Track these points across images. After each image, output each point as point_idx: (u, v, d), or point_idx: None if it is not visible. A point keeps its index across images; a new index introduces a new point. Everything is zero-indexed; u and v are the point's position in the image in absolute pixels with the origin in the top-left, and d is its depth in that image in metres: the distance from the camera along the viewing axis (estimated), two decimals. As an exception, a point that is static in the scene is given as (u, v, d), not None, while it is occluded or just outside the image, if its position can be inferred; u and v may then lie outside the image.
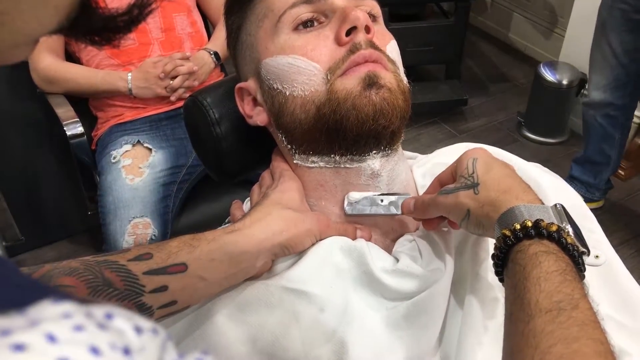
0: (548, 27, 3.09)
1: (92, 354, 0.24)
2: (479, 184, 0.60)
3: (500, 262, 0.56)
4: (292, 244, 0.66)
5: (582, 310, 0.47)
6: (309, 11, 0.69)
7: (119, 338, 0.26)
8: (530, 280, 0.49)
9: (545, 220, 0.53)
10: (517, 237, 0.53)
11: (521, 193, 0.58)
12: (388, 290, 0.65)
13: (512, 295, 0.51)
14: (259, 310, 0.63)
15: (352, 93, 0.66)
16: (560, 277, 0.49)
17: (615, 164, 2.16)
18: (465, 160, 0.63)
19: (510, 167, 0.63)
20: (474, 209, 0.60)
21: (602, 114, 2.05)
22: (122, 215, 1.48)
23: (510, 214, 0.55)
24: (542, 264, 0.50)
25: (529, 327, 0.46)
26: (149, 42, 1.64)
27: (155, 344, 0.27)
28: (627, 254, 2.12)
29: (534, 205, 0.56)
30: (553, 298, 0.47)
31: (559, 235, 0.53)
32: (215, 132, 0.81)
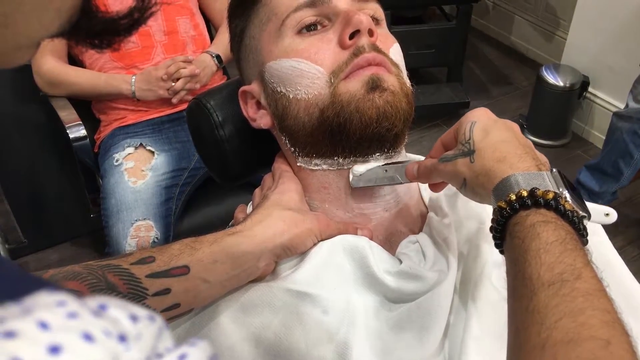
0: (550, 30, 3.10)
1: (86, 340, 0.23)
2: (475, 152, 0.58)
3: (499, 234, 0.54)
4: (294, 244, 0.66)
5: (585, 279, 0.45)
6: (312, 15, 0.69)
7: (114, 326, 0.25)
8: (530, 253, 0.48)
9: (541, 188, 0.52)
10: (513, 208, 0.52)
11: (516, 160, 0.55)
12: (391, 291, 0.65)
13: (513, 270, 0.50)
14: (263, 311, 0.63)
15: (355, 96, 0.66)
16: (561, 247, 0.47)
17: (625, 180, 2.12)
18: (464, 124, 0.61)
19: (512, 128, 0.61)
20: (469, 178, 0.58)
21: (630, 131, 2.01)
22: (125, 217, 1.48)
23: (504, 184, 0.54)
24: (540, 235, 0.49)
25: (532, 303, 0.45)
26: (152, 45, 1.64)
27: (151, 332, 0.27)
28: (630, 257, 2.12)
29: (529, 172, 0.54)
30: (555, 270, 0.46)
31: (557, 203, 0.51)
32: (218, 134, 0.81)
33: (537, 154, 0.59)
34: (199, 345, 0.29)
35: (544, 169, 0.55)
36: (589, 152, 2.61)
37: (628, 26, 2.35)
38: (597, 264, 0.76)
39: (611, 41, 2.45)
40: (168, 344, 0.28)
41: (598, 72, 2.55)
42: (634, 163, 2.07)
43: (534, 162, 0.56)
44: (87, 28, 0.36)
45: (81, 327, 0.24)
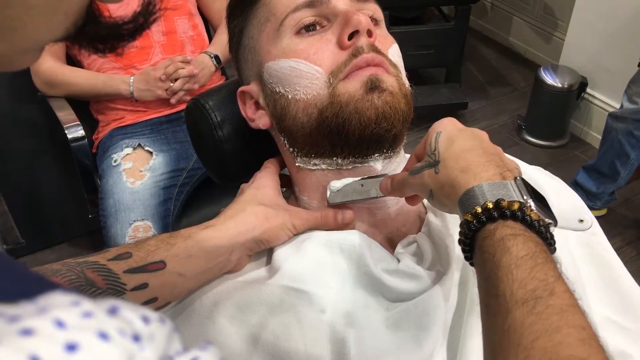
0: (548, 31, 3.10)
1: (101, 339, 0.24)
2: (440, 162, 0.58)
3: (468, 247, 0.54)
4: (266, 237, 0.68)
5: (558, 295, 0.45)
6: (311, 15, 0.69)
7: (128, 326, 0.26)
8: (502, 269, 0.47)
9: (506, 198, 0.51)
10: (480, 221, 0.51)
11: (480, 170, 0.55)
12: (389, 290, 0.65)
13: (486, 286, 0.49)
14: (260, 310, 0.63)
15: (354, 96, 0.66)
16: (532, 262, 0.47)
17: (622, 180, 2.13)
18: (431, 134, 0.61)
19: (478, 136, 0.60)
20: (435, 189, 0.58)
21: (625, 131, 2.02)
22: (123, 218, 1.48)
23: (469, 195, 0.53)
24: (510, 250, 0.48)
25: (508, 322, 0.45)
26: (151, 45, 1.64)
27: (163, 333, 0.27)
28: (629, 257, 2.12)
29: (493, 182, 0.53)
30: (528, 287, 0.45)
31: (523, 213, 0.50)
32: (217, 135, 0.81)
33: (506, 161, 0.58)
34: (209, 350, 0.29)
35: (509, 176, 0.55)
36: (587, 153, 2.62)
37: (626, 27, 2.35)
38: (597, 265, 0.76)
39: (609, 42, 2.45)
40: (178, 347, 0.28)
41: (596, 73, 2.56)
42: (630, 163, 2.07)
43: (497, 169, 0.55)
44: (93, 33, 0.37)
45: (97, 326, 0.24)
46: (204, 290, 0.68)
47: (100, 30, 0.37)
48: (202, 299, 0.67)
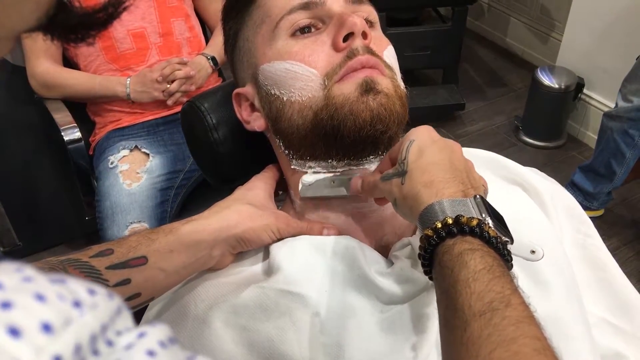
0: (545, 32, 3.10)
1: (37, 300, 0.25)
2: (407, 173, 0.59)
3: (427, 262, 0.55)
4: (248, 236, 0.68)
5: (514, 306, 0.46)
6: (306, 17, 0.69)
7: (70, 293, 0.26)
8: (460, 282, 0.48)
9: (465, 214, 0.52)
10: (440, 236, 0.52)
11: (442, 187, 0.56)
12: (383, 293, 0.65)
13: (445, 300, 0.50)
14: (255, 313, 0.63)
15: (349, 98, 0.66)
16: (489, 275, 0.48)
17: (619, 180, 2.13)
18: (404, 141, 0.62)
19: (449, 148, 0.61)
20: (399, 199, 0.59)
21: (620, 130, 2.02)
22: (120, 220, 1.48)
23: (429, 211, 0.54)
24: (469, 264, 0.49)
25: (466, 334, 0.45)
26: (147, 47, 1.64)
27: (109, 306, 0.28)
28: (624, 258, 2.12)
29: (454, 199, 0.54)
30: (485, 299, 0.46)
31: (481, 230, 0.51)
32: (212, 137, 0.81)
33: (473, 177, 0.59)
34: (159, 327, 0.30)
35: (470, 194, 0.55)
36: (584, 153, 2.62)
37: (623, 28, 2.36)
38: (592, 266, 0.76)
39: (606, 43, 2.46)
40: (128, 323, 0.29)
41: (593, 74, 2.56)
42: (626, 162, 2.08)
43: (460, 186, 0.56)
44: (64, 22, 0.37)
45: (34, 289, 0.25)
46: (199, 294, 0.68)
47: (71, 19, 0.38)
48: (197, 303, 0.67)
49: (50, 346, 0.24)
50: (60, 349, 0.24)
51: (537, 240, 0.71)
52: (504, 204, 0.75)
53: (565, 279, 0.69)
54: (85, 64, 1.65)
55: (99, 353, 0.26)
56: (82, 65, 1.66)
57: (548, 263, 0.69)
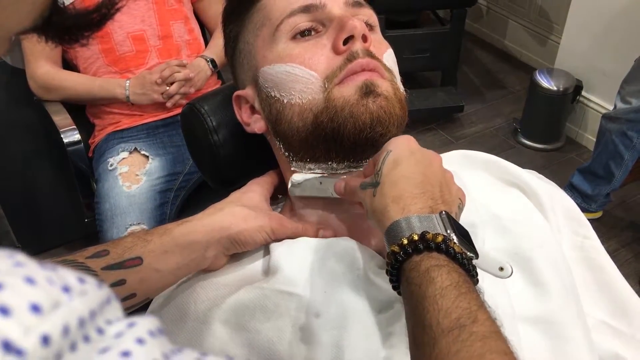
0: (543, 34, 3.11)
1: (27, 282, 0.26)
2: (379, 185, 0.59)
3: (395, 277, 0.55)
4: (241, 238, 0.68)
5: (481, 322, 0.46)
6: (306, 20, 0.69)
7: (59, 278, 0.27)
8: (427, 299, 0.49)
9: (431, 231, 0.53)
10: (406, 252, 0.52)
11: (410, 202, 0.56)
12: (383, 293, 0.65)
13: (413, 317, 0.51)
14: (255, 314, 0.64)
15: (349, 101, 0.66)
16: (455, 291, 0.49)
17: (617, 182, 2.13)
18: (382, 152, 0.62)
19: (427, 161, 0.61)
20: (369, 211, 0.60)
21: (618, 132, 2.02)
22: (119, 222, 1.48)
23: (395, 227, 0.54)
24: (435, 280, 0.50)
25: (435, 352, 0.46)
26: (147, 49, 1.64)
27: (98, 295, 0.29)
28: (623, 260, 2.12)
29: (420, 215, 0.54)
30: (452, 315, 0.47)
31: (446, 246, 0.52)
32: (212, 139, 0.82)
33: (447, 191, 0.59)
34: (148, 318, 0.31)
35: (437, 210, 0.56)
36: (583, 155, 2.62)
37: (621, 30, 2.36)
38: (590, 268, 0.76)
39: (604, 45, 2.46)
40: (118, 313, 0.30)
41: (591, 76, 2.57)
42: (624, 164, 2.08)
43: (429, 202, 0.56)
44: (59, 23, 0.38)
45: (24, 273, 0.26)
46: (198, 294, 0.68)
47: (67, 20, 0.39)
48: (197, 303, 0.68)
49: (39, 326, 0.25)
50: (48, 329, 0.25)
51: (535, 242, 0.72)
52: (502, 206, 0.75)
53: (564, 280, 0.69)
54: (85, 67, 1.65)
55: (90, 340, 0.27)
56: (82, 68, 1.66)
57: (546, 265, 0.69)
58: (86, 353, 0.27)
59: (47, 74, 1.60)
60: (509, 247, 0.70)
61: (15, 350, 0.23)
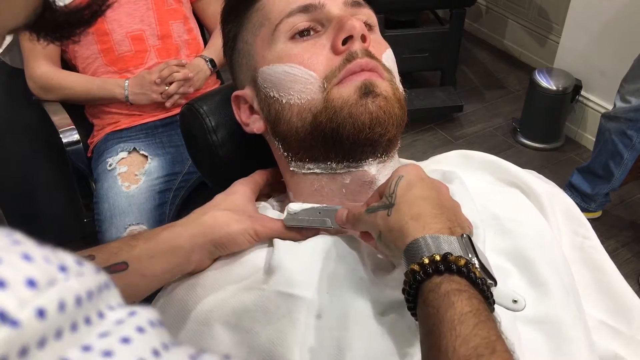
0: (543, 34, 3.11)
1: (24, 259, 0.26)
2: (394, 205, 0.58)
3: (411, 297, 0.54)
4: (224, 241, 0.69)
5: (499, 353, 0.45)
6: (305, 20, 0.69)
7: (56, 258, 0.28)
8: (445, 324, 0.47)
9: (453, 253, 0.51)
10: (426, 272, 0.51)
11: (430, 221, 0.55)
12: (384, 296, 0.65)
13: (428, 341, 0.50)
14: (256, 316, 0.63)
15: (348, 101, 0.66)
16: (475, 319, 0.47)
17: (616, 181, 2.13)
18: (393, 177, 0.61)
19: (437, 188, 0.60)
20: (384, 232, 0.58)
21: (618, 131, 2.02)
22: (118, 222, 1.48)
23: (415, 245, 0.53)
24: (455, 305, 0.48)
25: None
26: (146, 49, 1.64)
27: (96, 278, 0.29)
28: (622, 260, 2.12)
29: (441, 236, 0.53)
30: (470, 344, 0.46)
31: (468, 270, 0.51)
32: (211, 139, 0.82)
33: (459, 217, 0.59)
34: (148, 308, 0.31)
35: (457, 232, 0.55)
36: (582, 155, 2.62)
37: (620, 30, 2.36)
38: (590, 268, 0.76)
39: (603, 45, 2.46)
40: (119, 300, 0.31)
41: (590, 76, 2.57)
42: (624, 163, 2.07)
43: (448, 223, 0.55)
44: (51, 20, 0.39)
45: (22, 250, 0.27)
46: (199, 296, 0.68)
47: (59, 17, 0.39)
48: (198, 304, 0.67)
49: (34, 300, 0.25)
50: (44, 303, 0.25)
51: (535, 242, 0.71)
52: (502, 206, 0.75)
53: (564, 280, 0.69)
54: (84, 66, 1.65)
55: (91, 322, 0.28)
56: (81, 68, 1.66)
57: (546, 265, 0.69)
58: (86, 334, 0.27)
59: (46, 73, 1.60)
60: (509, 247, 0.70)
61: (10, 321, 0.24)
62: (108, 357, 0.27)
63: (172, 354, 0.30)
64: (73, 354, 0.26)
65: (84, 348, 0.27)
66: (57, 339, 0.26)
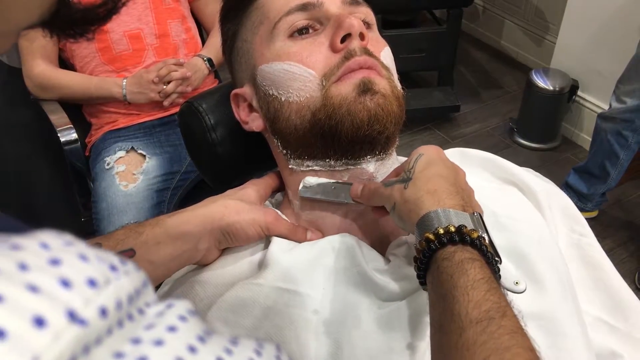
0: (539, 34, 3.12)
1: (81, 259, 0.27)
2: (411, 180, 0.61)
3: (423, 265, 0.56)
4: (234, 230, 0.68)
5: (509, 317, 0.48)
6: (304, 18, 0.70)
7: (106, 256, 0.29)
8: (458, 289, 0.50)
9: (468, 226, 0.54)
10: (441, 242, 0.54)
11: (445, 197, 0.58)
12: (381, 290, 0.65)
13: (441, 305, 0.51)
14: (253, 311, 0.64)
15: (347, 99, 0.66)
16: (487, 285, 0.50)
17: (612, 181, 2.14)
18: (413, 155, 0.64)
19: (454, 169, 0.63)
20: (398, 203, 0.61)
21: (614, 131, 2.03)
22: (116, 221, 1.48)
23: (430, 217, 0.56)
24: (468, 272, 0.51)
25: (461, 340, 0.47)
26: (144, 48, 1.64)
27: (138, 276, 0.30)
28: (619, 259, 2.13)
29: (455, 211, 0.56)
30: (482, 307, 0.48)
31: (480, 243, 0.54)
32: (210, 137, 0.82)
33: (473, 201, 0.62)
34: (183, 300, 0.32)
35: (469, 211, 0.57)
36: (579, 155, 2.63)
37: (617, 30, 2.37)
38: (587, 266, 0.77)
39: (600, 45, 2.47)
40: (154, 297, 0.31)
41: (587, 76, 2.57)
42: (620, 163, 2.08)
43: (461, 202, 0.58)
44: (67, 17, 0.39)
45: (77, 251, 0.28)
46: (197, 293, 0.69)
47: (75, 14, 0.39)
48: (196, 302, 0.68)
49: (97, 298, 0.26)
50: (105, 302, 0.26)
51: (532, 239, 0.72)
52: (499, 203, 0.76)
53: (561, 277, 0.70)
54: (82, 65, 1.65)
55: (133, 318, 0.28)
56: (78, 67, 1.66)
57: (543, 262, 0.70)
58: (132, 329, 0.28)
59: (44, 72, 1.60)
60: (506, 244, 0.71)
61: (79, 320, 0.25)
62: (159, 346, 0.28)
63: (213, 340, 0.31)
64: (126, 347, 0.27)
65: (134, 341, 0.28)
66: (108, 335, 0.26)
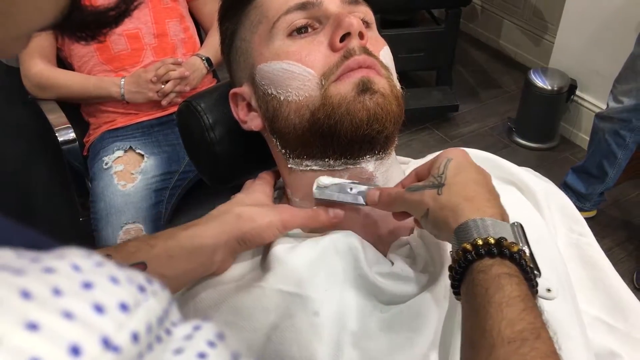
0: (538, 34, 3.12)
1: (112, 282, 0.27)
2: (444, 185, 0.59)
3: (458, 275, 0.54)
4: (249, 237, 0.66)
5: (544, 340, 0.46)
6: (303, 17, 0.69)
7: (135, 277, 0.28)
8: (493, 305, 0.48)
9: (507, 238, 0.53)
10: (478, 253, 0.52)
11: (484, 204, 0.56)
12: (383, 293, 0.65)
13: (473, 319, 0.50)
14: (255, 314, 0.63)
15: (346, 98, 0.66)
16: (523, 304, 0.48)
17: (610, 181, 2.14)
18: (440, 159, 0.62)
19: (484, 174, 0.62)
20: (433, 210, 0.59)
21: (611, 131, 2.03)
22: (114, 221, 1.47)
23: (468, 226, 0.54)
24: (504, 288, 0.49)
25: (491, 358, 0.46)
26: (142, 47, 1.64)
27: (165, 296, 0.29)
28: (617, 259, 2.13)
29: (495, 220, 0.54)
30: (516, 327, 0.47)
31: (520, 256, 0.52)
32: (209, 137, 0.82)
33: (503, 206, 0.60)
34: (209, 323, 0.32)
35: (507, 220, 0.56)
36: (577, 155, 2.63)
37: (615, 30, 2.37)
38: (585, 265, 0.77)
39: (598, 45, 2.47)
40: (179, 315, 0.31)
41: (585, 76, 2.58)
42: (617, 163, 2.09)
43: (499, 210, 0.57)
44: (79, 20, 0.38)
45: (108, 272, 0.27)
46: (200, 296, 0.68)
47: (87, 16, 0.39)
48: (198, 304, 0.67)
49: (129, 323, 0.26)
50: (136, 326, 0.26)
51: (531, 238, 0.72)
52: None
53: (560, 277, 0.70)
54: (79, 65, 1.65)
55: (161, 340, 0.28)
56: (76, 66, 1.65)
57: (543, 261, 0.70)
58: (161, 352, 0.27)
59: (42, 72, 1.60)
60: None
61: (112, 347, 0.24)
62: None
63: None
64: None
65: None
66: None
